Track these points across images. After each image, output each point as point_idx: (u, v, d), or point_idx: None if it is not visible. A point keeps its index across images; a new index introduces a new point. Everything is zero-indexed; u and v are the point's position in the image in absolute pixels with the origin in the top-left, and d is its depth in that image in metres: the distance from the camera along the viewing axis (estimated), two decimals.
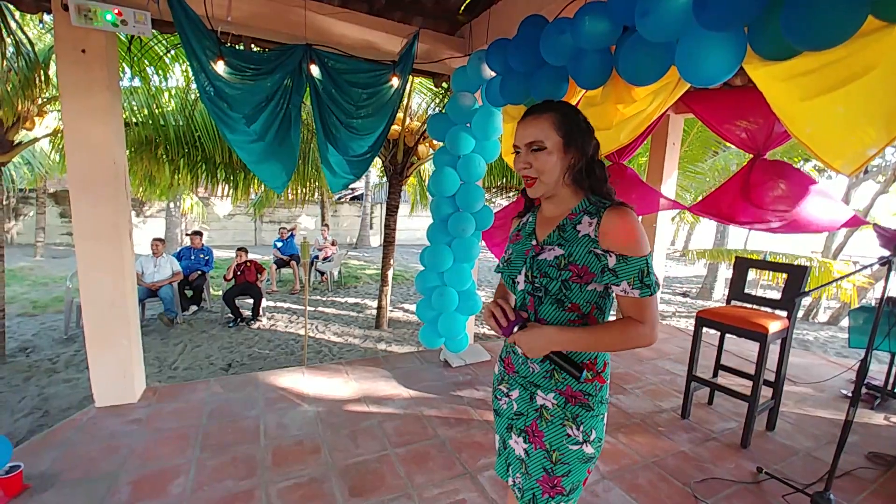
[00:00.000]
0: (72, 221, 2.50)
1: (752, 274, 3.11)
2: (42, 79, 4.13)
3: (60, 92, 2.39)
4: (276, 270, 8.15)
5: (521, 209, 1.26)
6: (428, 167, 7.27)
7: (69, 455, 2.22)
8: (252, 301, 5.98)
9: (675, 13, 1.45)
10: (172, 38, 3.98)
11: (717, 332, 2.80)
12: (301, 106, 2.99)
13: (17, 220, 12.47)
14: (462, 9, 3.10)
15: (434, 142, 5.05)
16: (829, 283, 2.16)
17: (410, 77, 3.56)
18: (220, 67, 2.56)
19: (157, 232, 11.62)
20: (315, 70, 2.88)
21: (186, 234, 10.80)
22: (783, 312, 2.59)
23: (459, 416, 2.72)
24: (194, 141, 5.27)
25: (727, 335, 2.79)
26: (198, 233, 6.76)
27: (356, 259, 12.29)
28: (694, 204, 3.34)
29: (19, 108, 4.15)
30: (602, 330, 1.03)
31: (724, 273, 9.40)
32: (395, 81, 3.07)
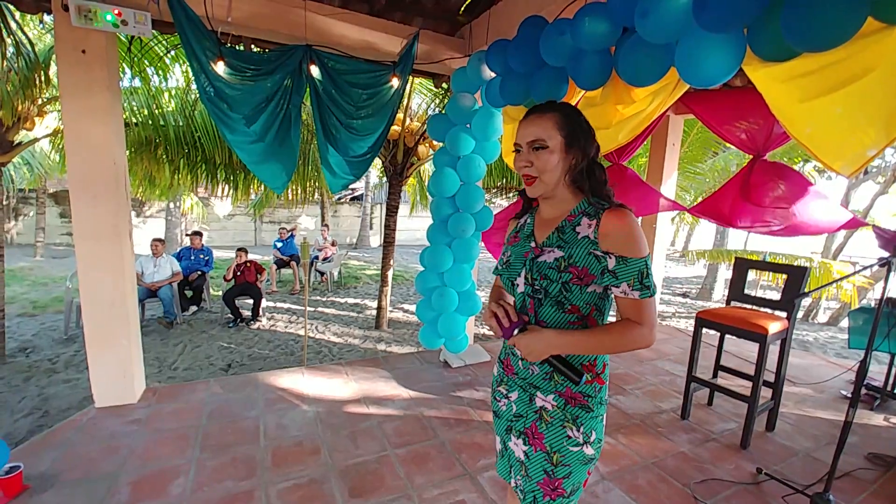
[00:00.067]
0: (72, 222, 2.50)
1: (751, 274, 3.11)
2: (42, 79, 4.13)
3: (60, 92, 2.39)
4: (276, 271, 8.15)
5: (519, 210, 1.26)
6: (428, 168, 7.28)
7: (69, 455, 2.22)
8: (252, 301, 5.98)
9: (675, 14, 1.45)
10: (172, 39, 3.98)
11: (717, 333, 2.80)
12: (301, 106, 3.00)
13: (17, 220, 12.48)
14: (462, 9, 3.11)
15: (434, 142, 5.05)
16: (829, 283, 2.16)
17: (410, 78, 3.56)
18: (220, 68, 2.56)
19: (156, 232, 11.63)
20: (315, 71, 2.88)
21: (186, 235, 10.79)
22: (783, 313, 2.59)
23: (459, 417, 2.72)
24: (194, 141, 5.27)
25: (727, 336, 2.79)
26: (198, 233, 6.76)
27: (356, 259, 12.29)
28: (694, 205, 3.34)
29: (19, 109, 4.15)
30: (601, 332, 1.02)
31: (724, 274, 9.41)
32: (395, 82, 3.07)
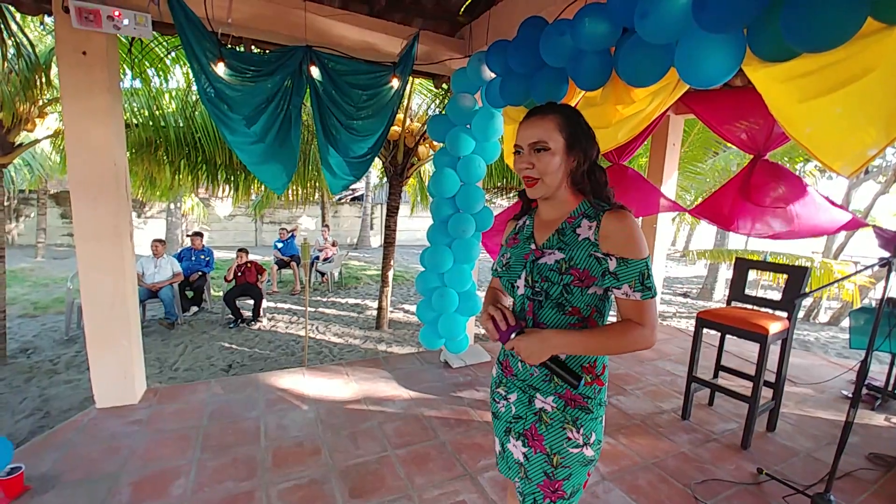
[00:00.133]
0: (72, 222, 2.51)
1: (752, 274, 3.11)
2: (43, 80, 4.14)
3: (61, 93, 2.40)
4: (277, 271, 8.16)
5: (517, 212, 1.26)
6: (428, 168, 7.28)
7: (70, 456, 2.22)
8: (252, 302, 5.98)
9: (675, 14, 1.45)
10: (173, 40, 3.99)
11: (718, 333, 2.80)
12: (301, 107, 3.00)
13: (19, 221, 12.49)
14: (462, 10, 3.11)
15: (434, 143, 5.05)
16: (829, 284, 2.15)
17: (410, 78, 3.56)
18: (220, 69, 2.57)
19: (157, 233, 11.64)
20: (315, 71, 2.88)
21: (187, 235, 10.81)
22: (783, 313, 2.59)
23: (459, 417, 2.72)
24: (195, 142, 5.28)
25: (727, 336, 2.78)
26: (198, 234, 6.77)
27: (356, 260, 12.29)
28: (694, 206, 3.33)
29: (20, 110, 4.15)
30: (602, 333, 1.02)
31: (725, 273, 9.39)
32: (395, 83, 3.07)
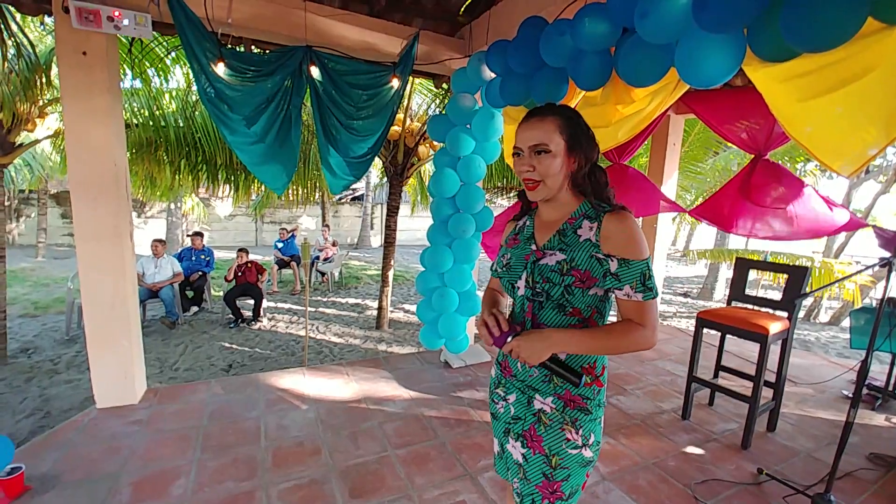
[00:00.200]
0: (73, 223, 2.51)
1: (752, 274, 3.10)
2: (43, 81, 4.15)
3: (61, 94, 2.40)
4: (277, 271, 8.16)
5: (517, 212, 1.26)
6: (428, 168, 7.28)
7: (70, 456, 2.22)
8: (253, 302, 5.98)
9: (675, 14, 1.45)
10: (173, 40, 3.99)
11: (718, 333, 2.80)
12: (301, 107, 3.00)
13: (19, 221, 12.50)
14: (462, 10, 3.11)
15: (434, 143, 5.05)
16: (830, 284, 2.15)
17: (410, 78, 3.56)
18: (220, 69, 2.57)
19: (157, 233, 11.64)
20: (315, 72, 2.88)
21: (187, 235, 10.80)
22: (784, 313, 2.59)
23: (460, 417, 2.72)
24: (195, 142, 5.28)
25: (728, 336, 2.78)
26: (199, 233, 6.77)
27: (357, 259, 12.30)
28: (695, 207, 3.33)
29: (20, 110, 4.16)
30: (603, 332, 1.02)
31: (725, 273, 9.39)
32: (395, 83, 3.07)
